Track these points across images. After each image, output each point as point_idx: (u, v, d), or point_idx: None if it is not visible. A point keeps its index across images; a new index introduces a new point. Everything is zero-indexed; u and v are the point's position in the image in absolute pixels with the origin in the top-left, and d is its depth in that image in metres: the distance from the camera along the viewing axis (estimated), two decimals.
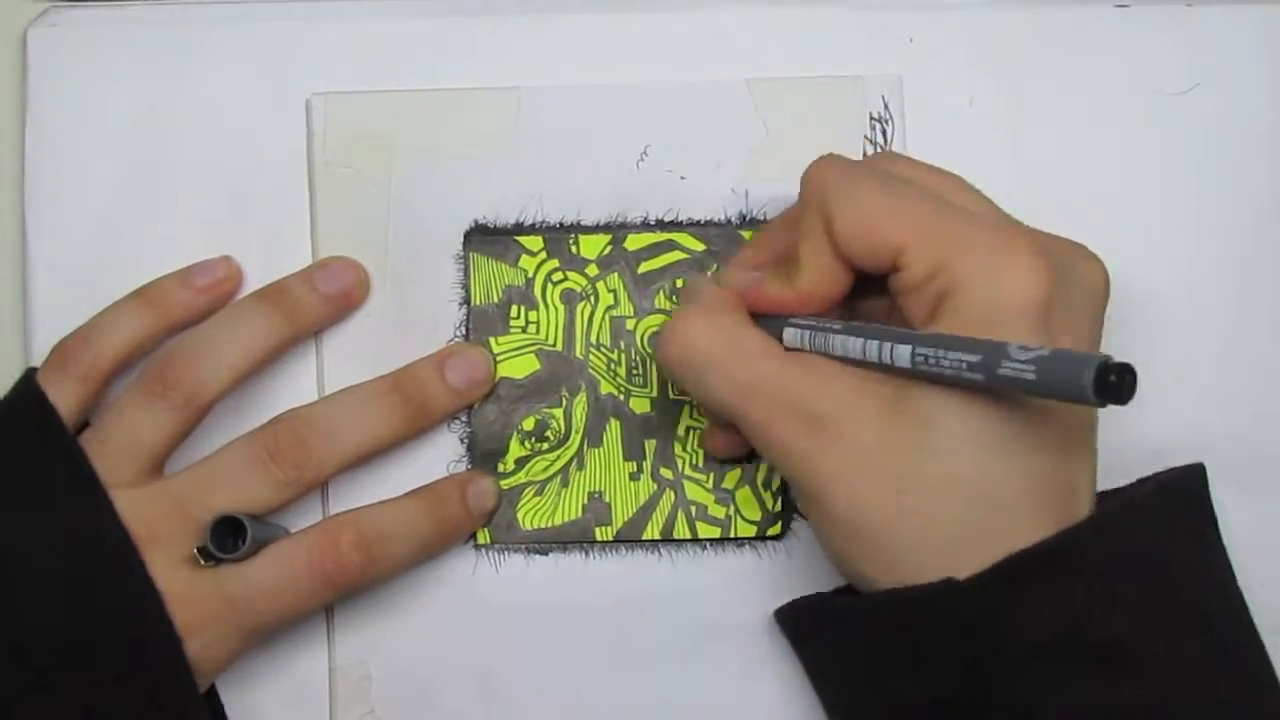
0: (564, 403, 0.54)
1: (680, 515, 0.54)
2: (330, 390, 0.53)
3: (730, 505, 0.54)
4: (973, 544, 0.44)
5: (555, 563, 0.54)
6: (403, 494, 0.53)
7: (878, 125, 0.55)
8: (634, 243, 0.55)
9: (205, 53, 0.55)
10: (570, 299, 0.55)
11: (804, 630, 0.52)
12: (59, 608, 0.48)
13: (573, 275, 0.55)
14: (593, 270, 0.55)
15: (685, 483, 0.54)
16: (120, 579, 0.49)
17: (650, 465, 0.54)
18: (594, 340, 0.54)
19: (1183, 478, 0.50)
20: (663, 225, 0.55)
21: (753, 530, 0.54)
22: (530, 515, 0.54)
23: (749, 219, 0.54)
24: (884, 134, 0.54)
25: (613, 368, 0.54)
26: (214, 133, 0.55)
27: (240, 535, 0.50)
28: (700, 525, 0.54)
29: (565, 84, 0.55)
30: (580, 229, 0.54)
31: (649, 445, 0.54)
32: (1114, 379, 0.40)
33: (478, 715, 0.54)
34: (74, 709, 0.48)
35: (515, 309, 0.54)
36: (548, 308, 0.54)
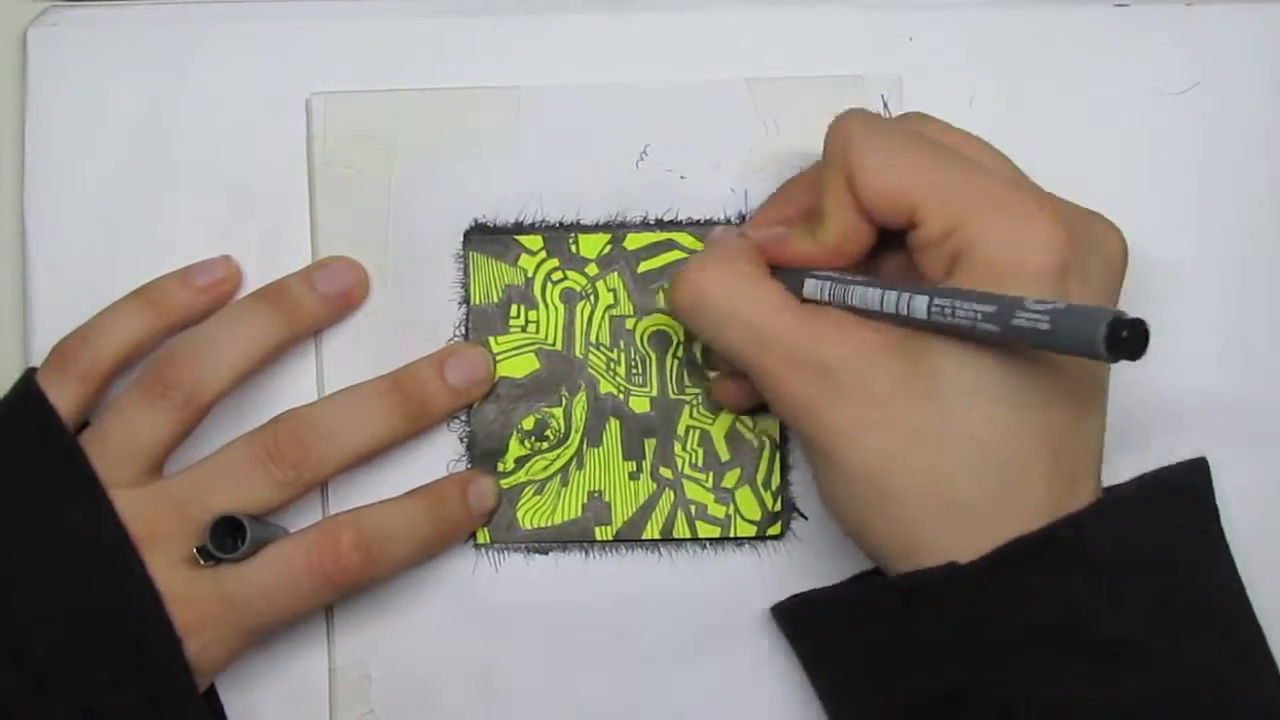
0: (564, 402, 0.54)
1: (680, 515, 0.54)
2: (330, 390, 0.53)
3: (730, 505, 0.54)
4: (977, 506, 0.44)
5: (555, 562, 0.54)
6: (403, 494, 0.53)
7: None
8: (634, 242, 0.55)
9: (205, 53, 0.55)
10: (570, 298, 0.55)
11: (801, 626, 0.52)
12: (58, 608, 0.48)
13: (572, 274, 0.55)
14: (592, 270, 0.55)
15: (685, 482, 0.54)
16: (119, 579, 0.49)
17: (650, 465, 0.54)
18: (594, 339, 0.54)
19: (1185, 473, 0.50)
20: (662, 225, 0.55)
21: (753, 530, 0.54)
22: (530, 515, 0.54)
23: (749, 218, 0.54)
24: None
25: (612, 367, 0.54)
26: (214, 133, 0.55)
27: (240, 535, 0.50)
28: (700, 525, 0.54)
29: (565, 84, 0.55)
30: (580, 228, 0.54)
31: (648, 444, 0.54)
32: (1126, 334, 0.40)
33: (478, 715, 0.54)
34: (73, 709, 0.48)
35: (515, 308, 0.54)
36: (547, 307, 0.54)
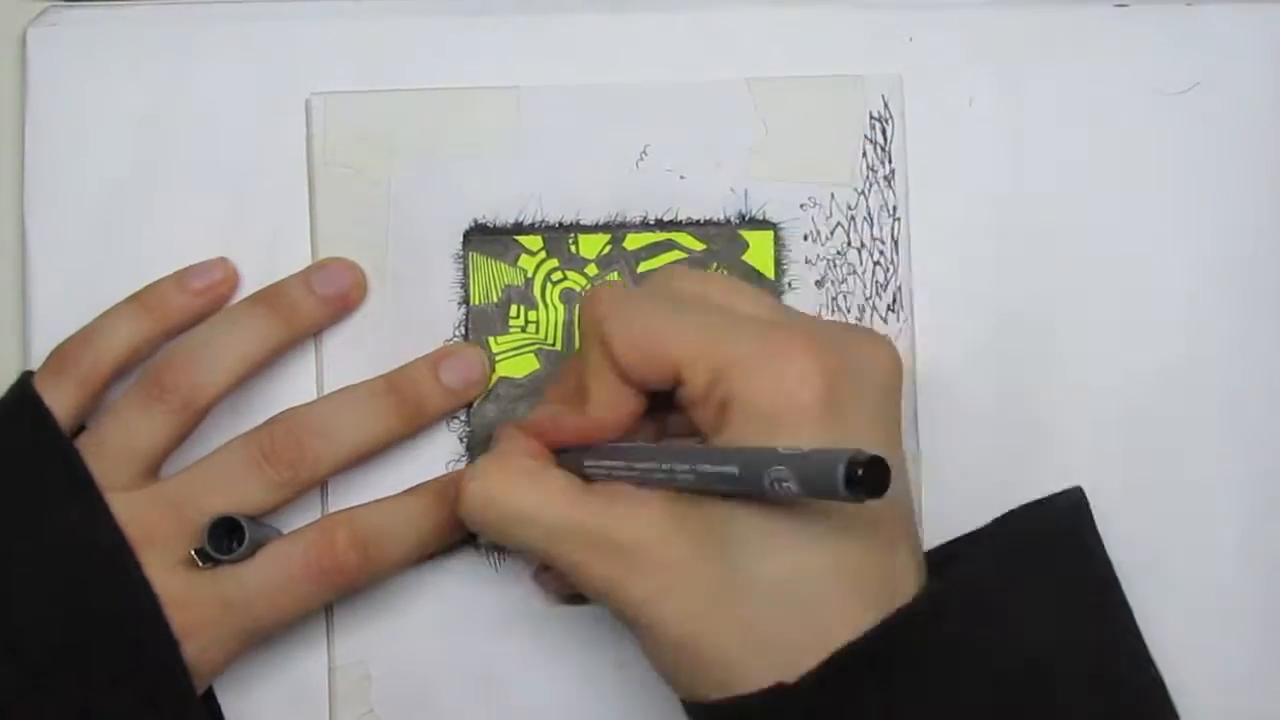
0: None
1: None
2: (329, 389, 0.53)
3: None
4: (794, 644, 0.43)
5: None
6: (401, 491, 0.53)
7: (878, 125, 0.54)
8: (633, 242, 0.55)
9: (205, 53, 0.55)
10: (570, 299, 0.55)
11: None
12: (55, 609, 0.48)
13: (572, 275, 0.55)
14: (592, 270, 0.55)
15: None
16: (116, 581, 0.49)
17: None
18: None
19: (1044, 522, 0.50)
20: (662, 225, 0.55)
21: None
22: None
23: (748, 218, 0.54)
24: (884, 134, 0.54)
25: None
26: (214, 133, 0.55)
27: (237, 536, 0.50)
28: None
29: (565, 84, 0.55)
30: (580, 229, 0.54)
31: None
32: (862, 473, 0.39)
33: (478, 715, 0.54)
34: (70, 710, 0.48)
35: (515, 309, 0.54)
36: (547, 307, 0.54)
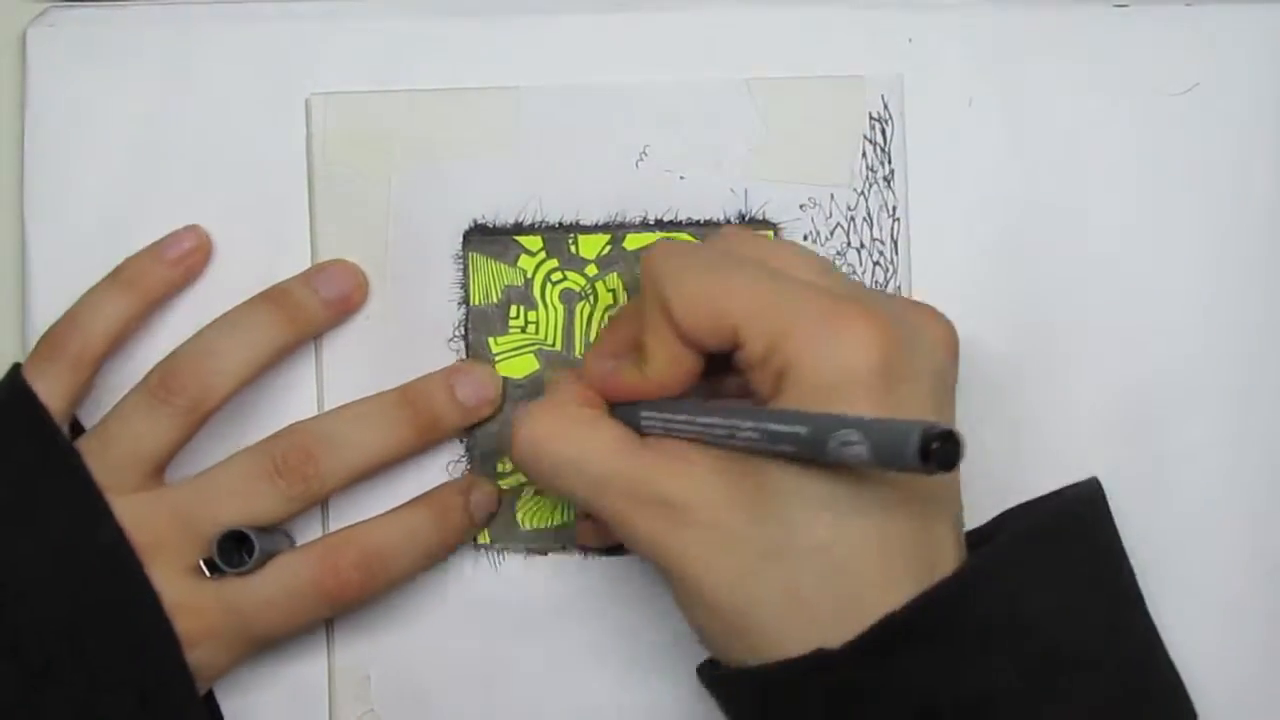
0: None
1: None
2: (329, 389, 0.54)
3: None
4: (836, 613, 0.43)
5: (554, 563, 0.54)
6: (404, 504, 0.53)
7: (878, 125, 0.54)
8: (633, 242, 0.55)
9: (205, 53, 0.55)
10: (569, 299, 0.55)
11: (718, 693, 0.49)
12: (55, 609, 0.48)
13: (572, 275, 0.55)
14: (592, 270, 0.55)
15: None
16: (117, 581, 0.49)
17: None
18: (593, 340, 0.54)
19: (1063, 510, 0.50)
20: (662, 225, 0.55)
21: None
22: (529, 515, 0.54)
23: (748, 219, 0.54)
24: (884, 134, 0.54)
25: None
26: (214, 133, 0.55)
27: (245, 547, 0.50)
28: None
29: (565, 84, 0.55)
30: (579, 229, 0.54)
31: None
32: (937, 446, 0.39)
33: (478, 715, 0.54)
34: (71, 709, 0.48)
35: (514, 309, 0.54)
36: (547, 308, 0.54)
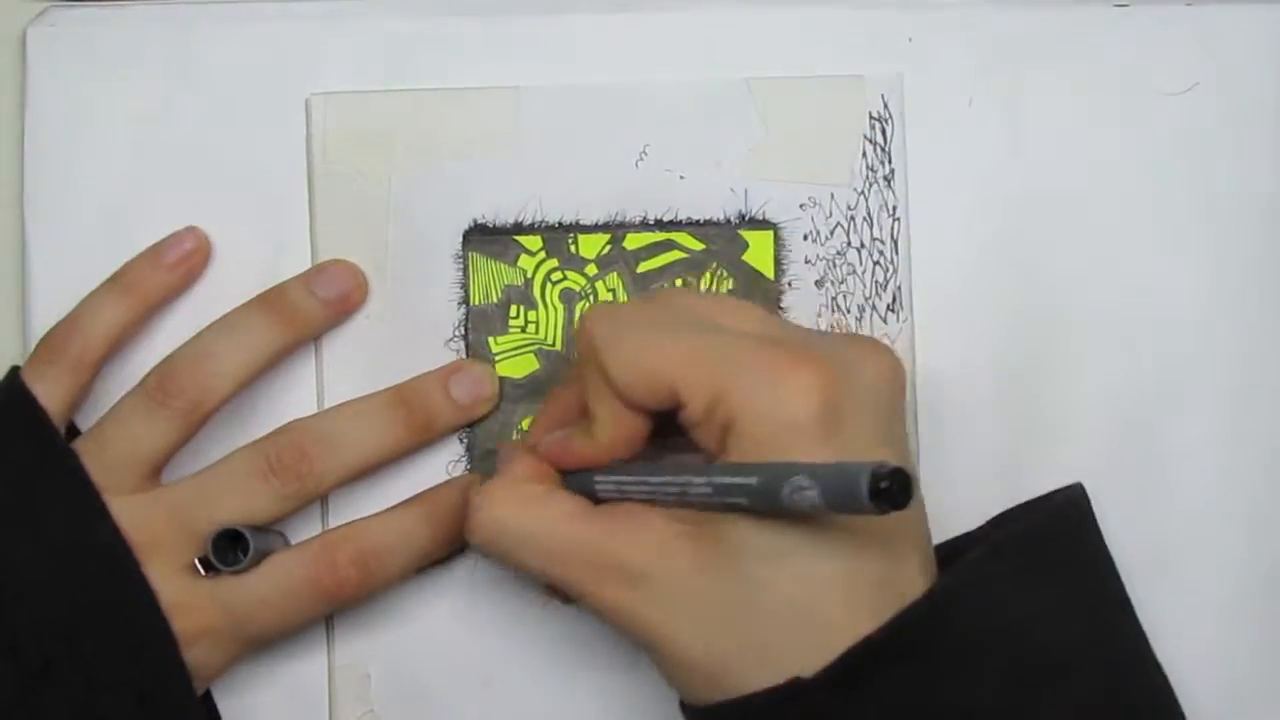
0: None
1: None
2: (329, 389, 0.53)
3: None
4: (809, 650, 0.43)
5: None
6: (401, 503, 0.52)
7: (878, 125, 0.54)
8: (633, 242, 0.55)
9: (205, 53, 0.55)
10: (569, 298, 0.55)
11: None
12: (54, 609, 0.48)
13: (572, 275, 0.55)
14: (592, 270, 0.55)
15: None
16: (114, 581, 0.49)
17: None
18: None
19: (1045, 517, 0.50)
20: (662, 225, 0.55)
21: None
22: None
23: (748, 218, 0.54)
24: (884, 134, 0.54)
25: None
26: (214, 133, 0.55)
27: (240, 546, 0.50)
28: None
29: (565, 84, 0.55)
30: (579, 229, 0.54)
31: None
32: (886, 486, 0.39)
33: (478, 715, 0.54)
34: (70, 710, 0.48)
35: (514, 309, 0.54)
36: (547, 307, 0.54)
